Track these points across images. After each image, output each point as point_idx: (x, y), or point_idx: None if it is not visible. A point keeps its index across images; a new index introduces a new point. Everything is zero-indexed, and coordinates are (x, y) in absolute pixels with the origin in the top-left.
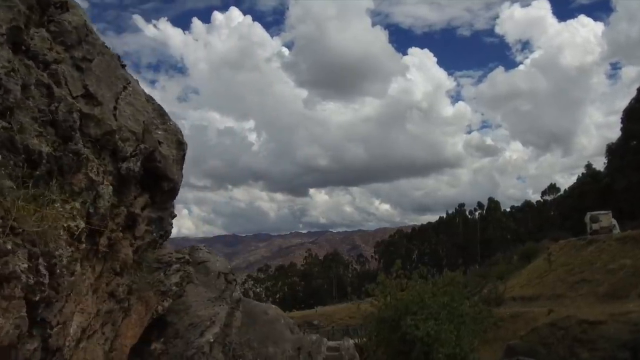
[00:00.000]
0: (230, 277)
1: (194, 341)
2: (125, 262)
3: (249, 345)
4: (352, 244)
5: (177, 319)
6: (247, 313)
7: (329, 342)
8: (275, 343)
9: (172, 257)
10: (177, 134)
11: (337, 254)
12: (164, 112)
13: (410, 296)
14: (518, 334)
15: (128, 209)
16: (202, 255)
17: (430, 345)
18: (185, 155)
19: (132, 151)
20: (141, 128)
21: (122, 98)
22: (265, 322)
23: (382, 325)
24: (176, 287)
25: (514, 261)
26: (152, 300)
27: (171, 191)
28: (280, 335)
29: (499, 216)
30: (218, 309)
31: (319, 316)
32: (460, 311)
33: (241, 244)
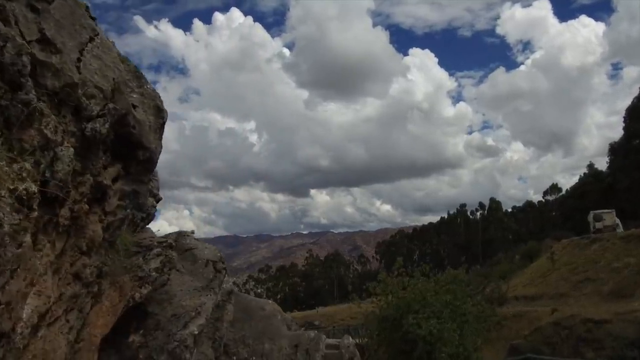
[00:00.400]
0: (220, 266)
1: (176, 333)
2: (93, 239)
3: (243, 342)
4: (353, 244)
5: (159, 309)
6: (242, 308)
7: (328, 340)
8: (271, 339)
9: (154, 241)
10: (155, 99)
11: (338, 255)
12: (141, 75)
13: (412, 294)
14: (521, 334)
15: (95, 178)
16: (190, 242)
17: (433, 344)
18: (165, 123)
19: (99, 110)
20: (110, 86)
21: (88, 50)
22: (262, 317)
23: (384, 324)
24: (156, 273)
25: (516, 261)
26: (127, 285)
27: (147, 162)
28: (277, 331)
29: (501, 216)
30: (205, 299)
31: (320, 317)
32: (463, 310)
33: (242, 245)
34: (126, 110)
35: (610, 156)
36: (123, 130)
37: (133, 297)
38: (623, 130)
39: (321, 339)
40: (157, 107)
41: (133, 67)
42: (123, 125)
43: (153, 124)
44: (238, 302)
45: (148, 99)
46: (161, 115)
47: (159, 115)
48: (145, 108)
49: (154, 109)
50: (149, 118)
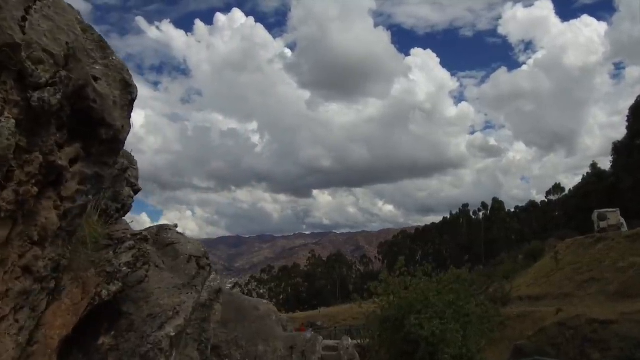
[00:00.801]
0: (204, 262)
1: (150, 335)
2: (46, 228)
3: (236, 343)
4: (355, 245)
5: (134, 309)
6: (236, 308)
7: (327, 342)
8: (265, 341)
9: (127, 233)
10: (121, 72)
11: (340, 255)
12: (106, 45)
13: (414, 294)
14: (526, 334)
15: (46, 157)
16: (171, 236)
17: (436, 345)
18: (134, 101)
19: (48, 78)
20: (63, 51)
21: (36, 9)
22: (256, 318)
23: (385, 325)
24: (127, 268)
25: (519, 260)
26: (92, 281)
27: (112, 141)
28: (272, 332)
29: (504, 216)
30: (185, 297)
31: (322, 317)
32: (467, 310)
33: (245, 245)
34: (84, 82)
35: (614, 155)
36: (82, 105)
37: (99, 295)
38: (626, 129)
39: (318, 340)
40: (124, 82)
41: (97, 36)
42: (81, 99)
43: (119, 99)
44: (231, 302)
45: (113, 71)
46: (129, 91)
47: (126, 90)
48: (110, 81)
49: (121, 83)
50: (113, 92)
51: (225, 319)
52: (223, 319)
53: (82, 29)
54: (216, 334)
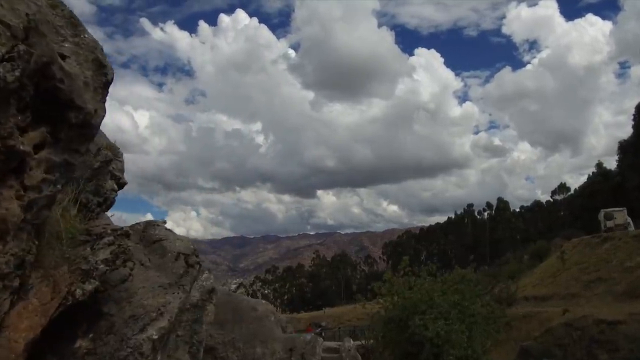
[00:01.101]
0: (192, 260)
1: (130, 338)
2: (6, 220)
3: (233, 345)
4: (360, 245)
5: (116, 310)
6: (233, 309)
7: (329, 343)
8: (263, 343)
9: (107, 228)
10: (94, 51)
11: (345, 255)
12: (78, 22)
13: (418, 294)
14: (532, 335)
15: (4, 141)
16: (159, 233)
17: (440, 346)
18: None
19: (4, 52)
20: (22, 23)
21: None
22: (254, 319)
23: (389, 326)
24: (105, 266)
25: (525, 260)
26: (64, 280)
27: (83, 126)
28: (270, 334)
29: (509, 216)
30: (170, 297)
31: (327, 317)
32: (472, 310)
33: (249, 246)
34: (49, 59)
35: (620, 154)
36: (47, 85)
37: (73, 294)
38: (632, 128)
39: (318, 342)
40: (97, 62)
41: (68, 12)
42: (46, 78)
43: (91, 80)
44: (228, 302)
45: (85, 50)
46: (103, 72)
47: (100, 71)
48: (81, 60)
49: (94, 63)
50: (84, 73)
51: (221, 319)
52: (219, 319)
53: (51, 5)
54: (212, 336)
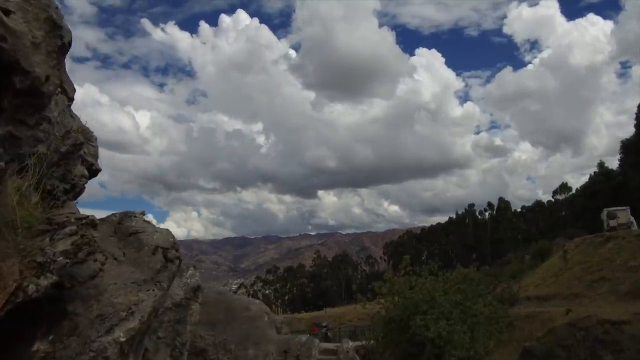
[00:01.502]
0: (172, 254)
1: (94, 340)
2: None
3: (224, 347)
4: (361, 245)
5: (82, 309)
6: (225, 309)
7: (326, 345)
8: (256, 344)
9: (71, 217)
10: (47, 10)
11: (346, 255)
12: None
13: (419, 294)
14: (534, 335)
15: None
16: (136, 224)
17: (442, 347)
18: (67, 49)
19: None
20: None
21: None
22: (247, 319)
23: (390, 326)
24: (65, 258)
25: (526, 260)
26: (12, 274)
27: (31, 94)
28: (263, 335)
29: (510, 216)
30: (144, 295)
31: (328, 317)
32: (474, 310)
33: (250, 246)
34: None
35: (622, 154)
36: None
37: (24, 290)
38: (635, 127)
39: (314, 343)
40: (51, 21)
41: None
42: None
43: (43, 42)
44: (220, 302)
45: (36, 7)
46: (58, 34)
47: (53, 33)
48: (29, 18)
49: (46, 23)
50: (33, 32)
51: (213, 320)
52: (211, 320)
53: None
54: (202, 337)
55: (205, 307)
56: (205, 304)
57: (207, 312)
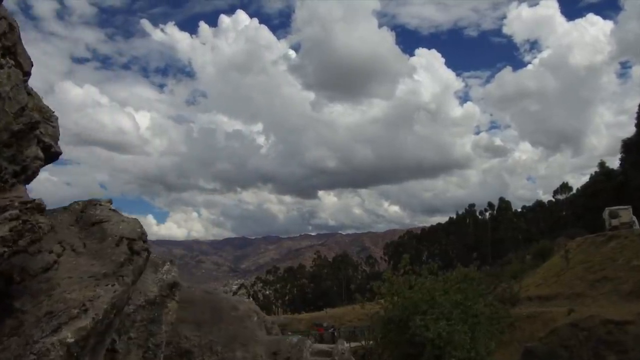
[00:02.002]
0: (139, 246)
1: (37, 341)
2: None
3: (210, 349)
4: (361, 245)
5: (31, 305)
6: (212, 308)
7: (320, 346)
8: (244, 346)
9: (15, 200)
10: None
11: (346, 256)
12: None
13: (419, 294)
14: (536, 336)
15: None
16: (100, 213)
17: (442, 348)
18: None
19: None
20: None
21: None
22: (234, 319)
23: (389, 326)
24: (2, 247)
25: (527, 260)
26: None
27: None
28: (252, 336)
29: (510, 216)
30: (101, 290)
31: (328, 318)
32: (475, 310)
33: (250, 247)
34: None
35: (623, 153)
36: None
37: None
38: (635, 127)
39: (305, 345)
40: None
41: None
42: None
43: None
44: (206, 301)
45: None
46: None
47: None
48: None
49: None
50: None
51: (199, 320)
52: (197, 320)
53: None
54: (188, 338)
55: (191, 307)
56: (191, 303)
57: (193, 312)
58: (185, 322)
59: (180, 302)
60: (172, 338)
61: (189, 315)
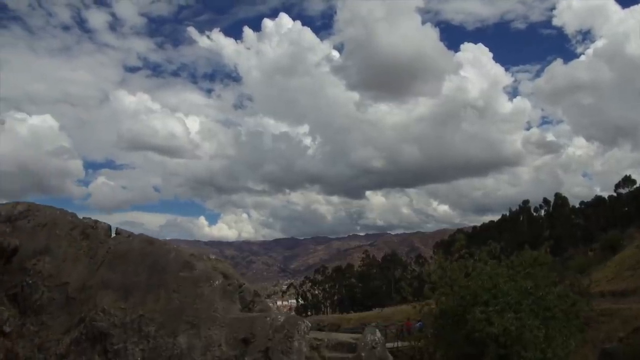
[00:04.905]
0: None
1: None
2: None
3: (139, 330)
4: (410, 246)
5: None
6: (150, 266)
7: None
8: (193, 326)
9: None
10: None
11: (395, 255)
12: None
13: (479, 281)
14: (615, 336)
15: None
16: None
17: (509, 347)
18: None
19: None
20: None
21: None
22: (183, 283)
23: (442, 321)
24: None
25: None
26: None
27: None
28: (208, 309)
29: (568, 213)
30: None
31: (377, 317)
32: (548, 302)
33: (300, 247)
34: None
35: None
36: None
37: None
38: None
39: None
40: None
41: None
42: None
43: None
44: (145, 254)
45: None
46: None
47: None
48: None
49: None
50: None
51: (128, 284)
52: (125, 284)
53: None
54: (107, 312)
55: (121, 264)
56: (122, 259)
57: (123, 272)
58: (107, 287)
59: (108, 257)
60: (86, 312)
61: (115, 277)
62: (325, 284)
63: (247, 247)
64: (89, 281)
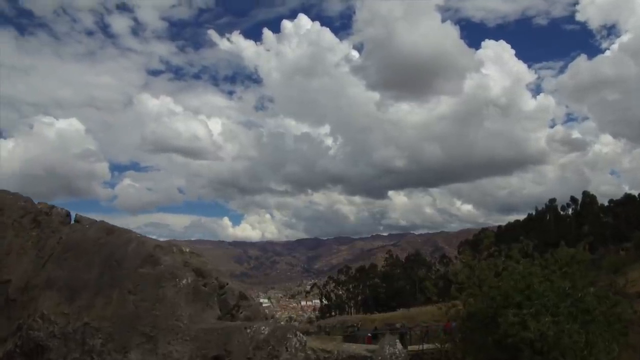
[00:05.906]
0: None
1: None
2: None
3: (82, 343)
4: (434, 245)
5: None
6: (104, 259)
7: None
8: (150, 339)
9: None
10: None
11: (419, 255)
12: None
13: (511, 281)
14: None
15: None
16: None
17: (546, 353)
18: None
19: None
20: None
21: None
22: (142, 282)
23: (471, 324)
24: None
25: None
26: None
27: None
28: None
29: (596, 211)
30: None
31: (402, 318)
32: (587, 304)
33: (323, 247)
34: None
35: None
36: None
37: None
38: None
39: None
40: None
41: None
42: None
43: None
44: (100, 245)
45: None
46: None
47: None
48: None
49: None
50: None
51: (76, 282)
52: (73, 282)
53: None
54: (47, 318)
55: (76, 257)
56: (71, 250)
57: (70, 266)
58: (53, 288)
59: (58, 249)
60: (25, 319)
61: (62, 275)
62: (349, 284)
63: (270, 247)
64: (34, 279)
